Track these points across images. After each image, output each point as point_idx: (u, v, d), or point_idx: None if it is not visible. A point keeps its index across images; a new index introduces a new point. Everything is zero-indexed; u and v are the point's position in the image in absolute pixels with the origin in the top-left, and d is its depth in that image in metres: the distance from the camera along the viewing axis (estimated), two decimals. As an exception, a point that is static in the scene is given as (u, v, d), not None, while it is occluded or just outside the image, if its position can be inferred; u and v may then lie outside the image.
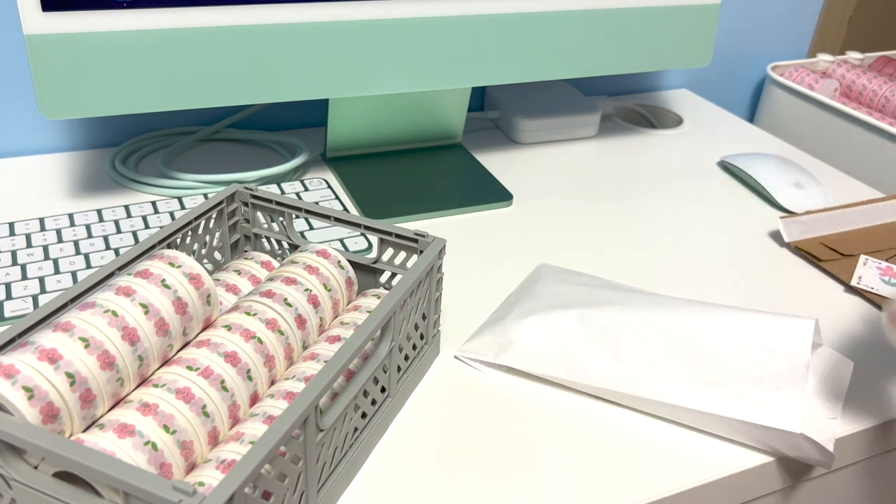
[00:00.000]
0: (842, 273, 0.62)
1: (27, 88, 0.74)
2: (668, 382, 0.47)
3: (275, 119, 0.84)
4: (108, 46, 0.56)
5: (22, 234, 0.61)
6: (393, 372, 0.45)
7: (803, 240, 0.64)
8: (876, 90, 1.01)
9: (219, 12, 0.58)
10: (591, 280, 0.57)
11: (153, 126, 0.80)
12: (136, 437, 0.35)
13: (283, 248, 0.54)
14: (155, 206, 0.66)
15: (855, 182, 0.81)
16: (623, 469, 0.45)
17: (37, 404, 0.33)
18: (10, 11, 0.70)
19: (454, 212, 0.70)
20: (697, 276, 0.63)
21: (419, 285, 0.47)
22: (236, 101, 0.61)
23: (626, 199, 0.75)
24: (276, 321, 0.43)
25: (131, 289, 0.39)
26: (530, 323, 0.52)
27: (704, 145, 0.87)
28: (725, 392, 0.46)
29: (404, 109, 0.75)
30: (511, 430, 0.47)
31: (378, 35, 0.64)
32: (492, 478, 0.44)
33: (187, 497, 0.29)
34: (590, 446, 0.46)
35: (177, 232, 0.48)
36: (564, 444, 0.46)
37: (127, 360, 0.38)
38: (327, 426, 0.38)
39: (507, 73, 0.71)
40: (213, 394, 0.39)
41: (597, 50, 0.73)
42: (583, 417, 0.48)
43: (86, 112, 0.57)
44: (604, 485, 0.44)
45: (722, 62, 1.08)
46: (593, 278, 0.58)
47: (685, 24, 0.77)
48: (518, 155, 0.82)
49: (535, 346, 0.51)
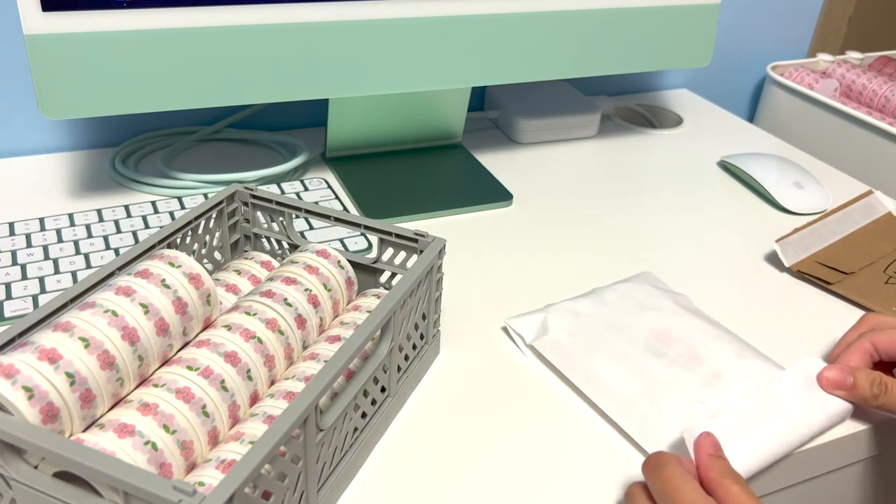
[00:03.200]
0: (861, 297, 0.60)
1: (27, 88, 0.74)
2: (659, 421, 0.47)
3: (275, 119, 0.84)
4: (108, 46, 0.56)
5: (22, 234, 0.61)
6: (393, 372, 0.45)
7: (801, 261, 0.64)
8: (876, 90, 1.01)
9: (219, 12, 0.58)
10: (669, 298, 0.56)
11: (153, 126, 0.80)
12: (136, 437, 0.35)
13: (283, 248, 0.54)
14: (155, 206, 0.66)
15: (855, 182, 0.81)
16: (623, 469, 0.45)
17: (37, 404, 0.33)
18: (10, 11, 0.70)
19: (454, 212, 0.70)
20: (697, 276, 0.63)
21: (419, 285, 0.47)
22: (236, 101, 0.61)
23: (626, 198, 0.75)
24: (276, 321, 0.43)
25: (131, 289, 0.39)
26: (570, 318, 0.53)
27: (704, 145, 0.87)
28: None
29: (404, 109, 0.75)
30: (512, 429, 0.47)
31: (378, 35, 0.64)
32: (492, 478, 0.44)
33: (187, 497, 0.29)
34: (591, 447, 0.46)
35: (177, 232, 0.48)
36: (566, 444, 0.46)
37: (127, 359, 0.38)
38: (327, 426, 0.38)
39: (507, 73, 0.71)
40: (213, 394, 0.39)
41: (597, 50, 0.73)
42: (585, 418, 0.48)
43: (86, 112, 0.57)
44: (603, 485, 0.44)
45: (722, 62, 1.08)
46: (676, 297, 0.57)
47: (685, 24, 0.76)
48: (518, 155, 0.82)
49: (564, 339, 0.52)
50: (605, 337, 0.52)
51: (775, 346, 0.55)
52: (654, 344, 0.52)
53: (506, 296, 0.59)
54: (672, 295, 0.57)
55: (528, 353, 0.53)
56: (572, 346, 0.51)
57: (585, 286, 0.60)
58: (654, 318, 0.54)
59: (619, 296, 0.56)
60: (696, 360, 0.50)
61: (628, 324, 0.53)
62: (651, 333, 0.53)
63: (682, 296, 0.57)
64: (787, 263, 0.64)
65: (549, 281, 0.61)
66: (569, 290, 0.59)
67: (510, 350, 0.53)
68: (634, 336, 0.52)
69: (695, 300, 0.59)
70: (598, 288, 0.58)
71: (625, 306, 0.55)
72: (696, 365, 0.50)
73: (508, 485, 0.43)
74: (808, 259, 0.64)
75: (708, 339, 0.52)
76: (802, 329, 0.58)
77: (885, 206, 0.71)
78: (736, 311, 0.59)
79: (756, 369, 0.49)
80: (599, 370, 0.50)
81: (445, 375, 0.51)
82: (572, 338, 0.52)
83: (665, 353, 0.51)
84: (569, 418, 0.48)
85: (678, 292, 0.58)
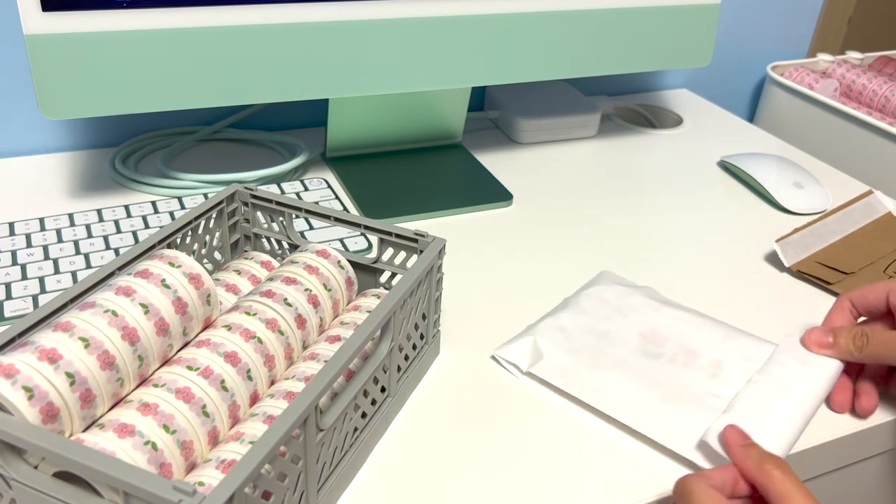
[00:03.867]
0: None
1: (27, 88, 0.74)
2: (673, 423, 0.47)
3: (275, 119, 0.84)
4: (108, 46, 0.56)
5: (22, 234, 0.61)
6: (393, 372, 0.45)
7: (801, 261, 0.64)
8: (876, 90, 1.01)
9: (219, 12, 0.58)
10: (641, 294, 0.57)
11: (153, 126, 0.80)
12: (136, 437, 0.35)
13: (283, 248, 0.54)
14: (155, 206, 0.66)
15: (855, 182, 0.81)
16: (624, 470, 0.45)
17: (37, 404, 0.33)
18: (10, 11, 0.70)
19: (454, 212, 0.70)
20: (697, 276, 0.63)
21: (419, 285, 0.47)
22: (236, 101, 0.61)
23: (626, 198, 0.75)
24: (276, 321, 0.43)
25: (131, 289, 0.39)
26: (559, 335, 0.52)
27: (704, 145, 0.87)
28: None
29: (404, 109, 0.75)
30: (512, 429, 0.47)
31: (378, 35, 0.64)
32: (492, 478, 0.44)
33: (187, 497, 0.29)
34: (592, 448, 0.46)
35: (177, 232, 0.48)
36: (567, 444, 0.46)
37: (127, 359, 0.38)
38: (327, 426, 0.38)
39: (507, 73, 0.71)
40: (213, 394, 0.39)
41: (597, 50, 0.73)
42: (587, 418, 0.48)
43: (86, 112, 0.57)
44: (605, 482, 0.44)
45: (722, 62, 1.08)
46: (645, 291, 0.57)
47: (685, 24, 0.76)
48: (518, 155, 0.82)
49: (563, 360, 0.51)
50: (600, 348, 0.51)
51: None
52: (647, 346, 0.52)
53: (506, 296, 0.59)
54: (641, 290, 0.57)
55: (525, 380, 0.51)
56: (575, 365, 0.50)
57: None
58: (637, 320, 0.54)
59: (594, 301, 0.56)
60: (692, 354, 0.51)
61: (614, 330, 0.53)
62: (640, 336, 0.53)
63: (649, 289, 0.58)
64: (787, 263, 0.64)
65: (549, 281, 0.61)
66: (568, 289, 0.59)
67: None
68: (626, 341, 0.52)
69: (695, 300, 0.60)
70: (567, 298, 0.57)
71: (604, 311, 0.55)
72: (693, 359, 0.51)
73: (508, 485, 0.43)
74: (808, 259, 0.64)
75: (693, 329, 0.53)
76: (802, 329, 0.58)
77: (885, 206, 0.71)
78: (736, 311, 0.59)
79: (748, 349, 0.51)
80: (610, 385, 0.49)
81: (445, 375, 0.51)
82: (571, 356, 0.51)
83: (661, 354, 0.51)
84: (569, 417, 0.48)
85: (643, 286, 0.58)
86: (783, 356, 0.50)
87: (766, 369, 0.49)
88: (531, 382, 0.51)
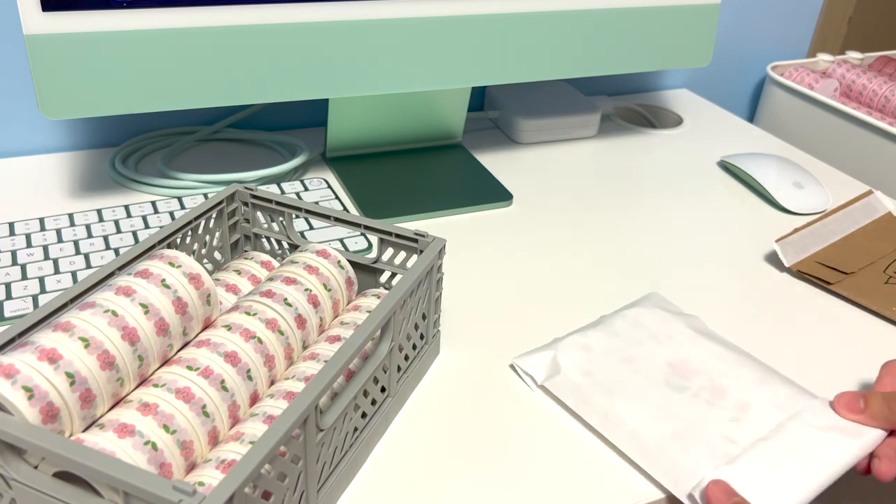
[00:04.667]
0: (861, 297, 0.60)
1: (27, 88, 0.74)
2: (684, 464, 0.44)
3: (275, 119, 0.84)
4: (108, 46, 0.56)
5: (22, 234, 0.61)
6: (393, 372, 0.45)
7: (801, 261, 0.64)
8: (876, 90, 1.01)
9: (219, 12, 0.58)
10: (680, 322, 0.54)
11: (153, 126, 0.80)
12: (136, 437, 0.35)
13: (283, 248, 0.54)
14: (155, 206, 0.66)
15: (855, 182, 0.81)
16: (624, 469, 0.45)
17: (37, 404, 0.33)
18: (10, 11, 0.70)
19: (454, 212, 0.70)
20: (697, 276, 0.63)
21: (419, 285, 0.47)
22: (236, 101, 0.61)
23: (626, 198, 0.75)
24: (276, 321, 0.43)
25: (131, 289, 0.39)
26: (581, 353, 0.51)
27: (704, 145, 0.87)
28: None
29: (404, 109, 0.75)
30: (512, 430, 0.47)
31: (378, 35, 0.64)
32: (492, 478, 0.44)
33: (187, 497, 0.29)
34: (591, 454, 0.46)
35: (177, 232, 0.48)
36: (567, 444, 0.46)
37: (127, 359, 0.38)
38: (327, 426, 0.38)
39: (507, 73, 0.71)
40: (213, 394, 0.39)
41: (597, 50, 0.73)
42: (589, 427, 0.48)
43: (86, 112, 0.57)
44: (603, 485, 0.44)
45: (722, 62, 1.08)
46: (687, 320, 0.54)
47: (685, 24, 0.77)
48: (518, 155, 0.82)
49: (578, 379, 0.49)
50: (621, 373, 0.49)
51: (776, 346, 0.56)
52: (673, 378, 0.49)
53: (506, 296, 0.59)
54: (684, 318, 0.54)
55: (529, 385, 0.50)
56: (589, 386, 0.48)
57: (585, 286, 0.60)
58: (670, 349, 0.51)
59: (630, 324, 0.53)
60: (720, 391, 0.48)
61: (642, 356, 0.51)
62: (668, 366, 0.50)
63: (693, 318, 0.55)
64: (787, 263, 0.64)
65: (549, 281, 0.61)
66: (569, 289, 0.59)
67: (510, 351, 0.53)
68: (651, 369, 0.50)
69: (694, 300, 0.59)
70: (605, 316, 0.55)
71: (637, 336, 0.52)
72: (720, 398, 0.47)
73: (508, 485, 0.43)
74: (808, 259, 0.64)
75: (728, 366, 0.50)
76: (802, 329, 0.58)
77: (885, 206, 0.71)
78: (736, 312, 0.59)
79: (782, 397, 0.47)
80: (621, 412, 0.47)
81: (445, 375, 0.51)
82: (587, 377, 0.49)
83: (686, 388, 0.48)
84: (569, 418, 0.48)
85: (689, 314, 0.55)
86: (809, 415, 0.46)
87: (783, 426, 0.45)
88: (536, 389, 0.51)
